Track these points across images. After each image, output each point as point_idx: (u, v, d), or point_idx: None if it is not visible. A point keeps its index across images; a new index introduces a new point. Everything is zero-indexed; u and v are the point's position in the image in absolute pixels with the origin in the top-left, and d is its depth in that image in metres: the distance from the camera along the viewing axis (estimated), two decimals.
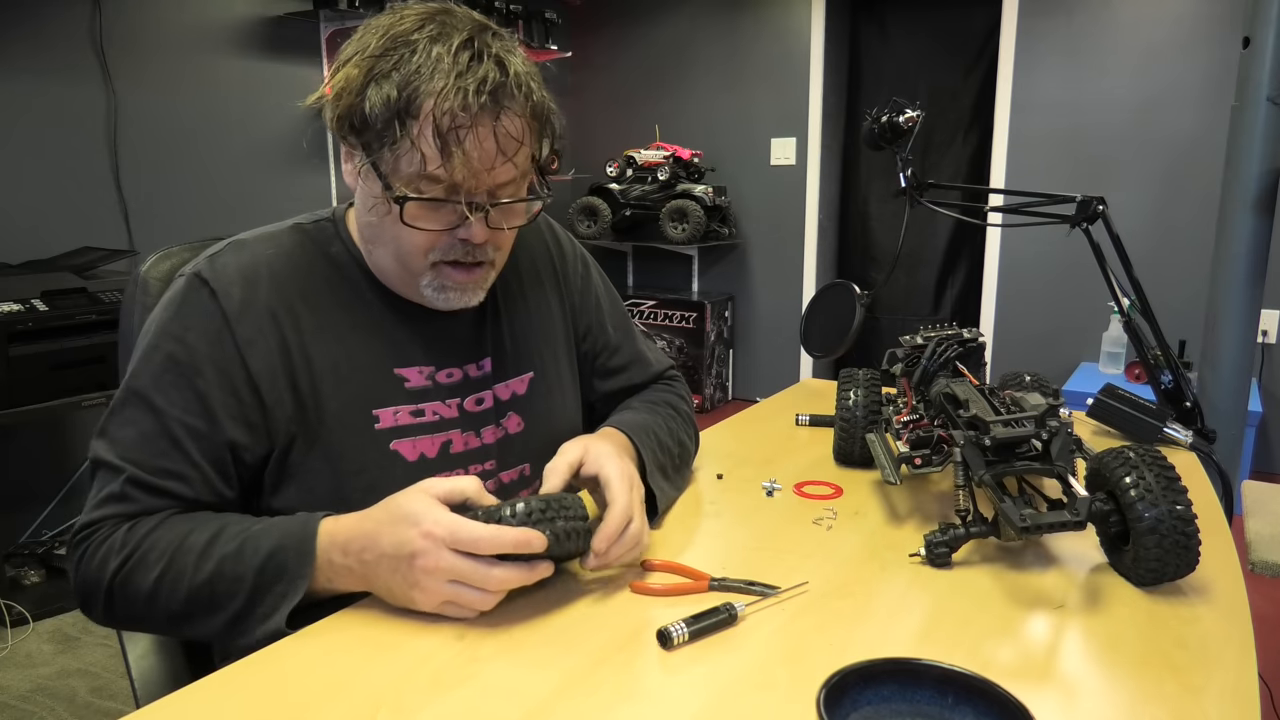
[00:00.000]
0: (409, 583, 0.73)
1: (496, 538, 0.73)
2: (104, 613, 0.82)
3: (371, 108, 0.79)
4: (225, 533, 0.80)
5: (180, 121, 3.08)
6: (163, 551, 0.79)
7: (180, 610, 0.78)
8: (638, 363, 1.15)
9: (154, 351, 0.85)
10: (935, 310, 4.38)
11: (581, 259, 1.13)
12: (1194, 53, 3.43)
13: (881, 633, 0.74)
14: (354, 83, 0.80)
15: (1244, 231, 1.72)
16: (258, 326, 0.86)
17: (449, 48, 0.79)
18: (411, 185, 0.82)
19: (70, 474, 2.84)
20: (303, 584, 0.76)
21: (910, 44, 4.24)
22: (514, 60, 0.82)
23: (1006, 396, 0.92)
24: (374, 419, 0.90)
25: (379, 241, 0.89)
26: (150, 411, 0.83)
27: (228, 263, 0.88)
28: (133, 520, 0.82)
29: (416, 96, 0.78)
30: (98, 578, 0.80)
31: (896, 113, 1.32)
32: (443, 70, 0.78)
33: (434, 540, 0.72)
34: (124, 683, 1.84)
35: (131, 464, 0.82)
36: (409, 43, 0.79)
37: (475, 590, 0.73)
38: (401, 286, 0.92)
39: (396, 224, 0.84)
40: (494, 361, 0.99)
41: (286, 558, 0.77)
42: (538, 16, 4.12)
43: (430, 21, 0.81)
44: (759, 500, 1.04)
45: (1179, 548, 0.77)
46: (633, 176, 4.29)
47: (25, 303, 2.25)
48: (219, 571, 0.77)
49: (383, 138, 0.80)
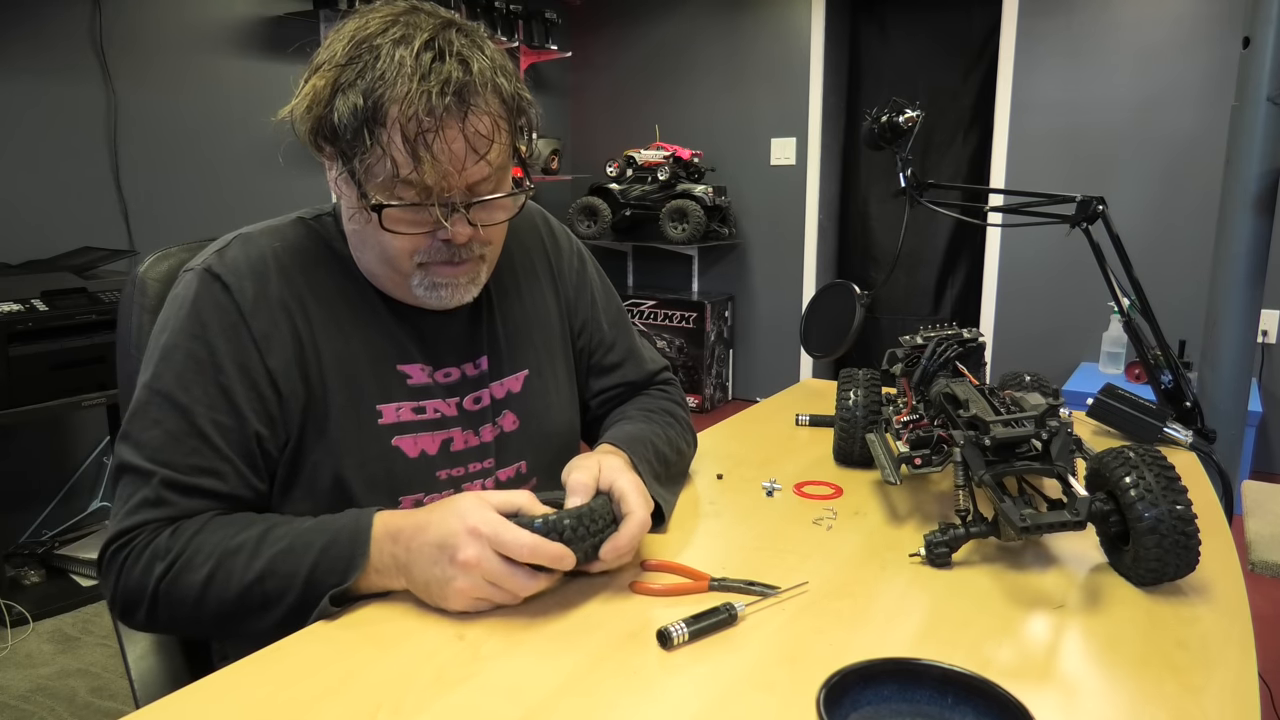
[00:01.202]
0: (447, 576, 0.74)
1: (537, 548, 0.74)
2: (147, 618, 0.81)
3: (340, 118, 0.79)
4: (274, 531, 0.79)
5: (180, 121, 3.08)
6: (209, 553, 0.78)
7: (231, 610, 0.78)
8: (633, 359, 1.14)
9: (173, 350, 0.84)
10: (935, 310, 4.38)
11: (577, 254, 1.13)
12: (1194, 53, 3.43)
13: (881, 633, 0.74)
14: (321, 94, 0.80)
15: (1244, 231, 1.72)
16: (271, 319, 0.87)
17: (411, 50, 0.78)
18: (386, 192, 0.82)
19: (70, 474, 2.84)
20: (357, 574, 0.76)
21: (910, 44, 4.24)
22: (477, 57, 0.81)
23: (1006, 396, 0.92)
24: (377, 414, 0.91)
25: (364, 247, 0.90)
26: (175, 410, 0.82)
27: (236, 256, 0.88)
28: (174, 524, 0.81)
29: (382, 103, 0.78)
30: (141, 583, 0.79)
31: (896, 113, 1.32)
32: (405, 74, 0.77)
33: (478, 538, 0.73)
34: (124, 683, 1.84)
35: (163, 465, 0.81)
36: (373, 48, 0.79)
37: (505, 593, 0.75)
38: (393, 289, 0.92)
39: (378, 230, 0.84)
40: (490, 359, 0.99)
41: (340, 551, 0.77)
42: (538, 16, 4.12)
43: (395, 24, 0.81)
44: (759, 500, 1.04)
45: (1179, 548, 0.77)
46: (633, 176, 4.29)
47: (25, 303, 2.25)
48: (271, 569, 0.77)
49: (354, 147, 0.80)
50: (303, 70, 0.84)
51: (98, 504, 2.92)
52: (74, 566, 2.58)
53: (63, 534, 2.77)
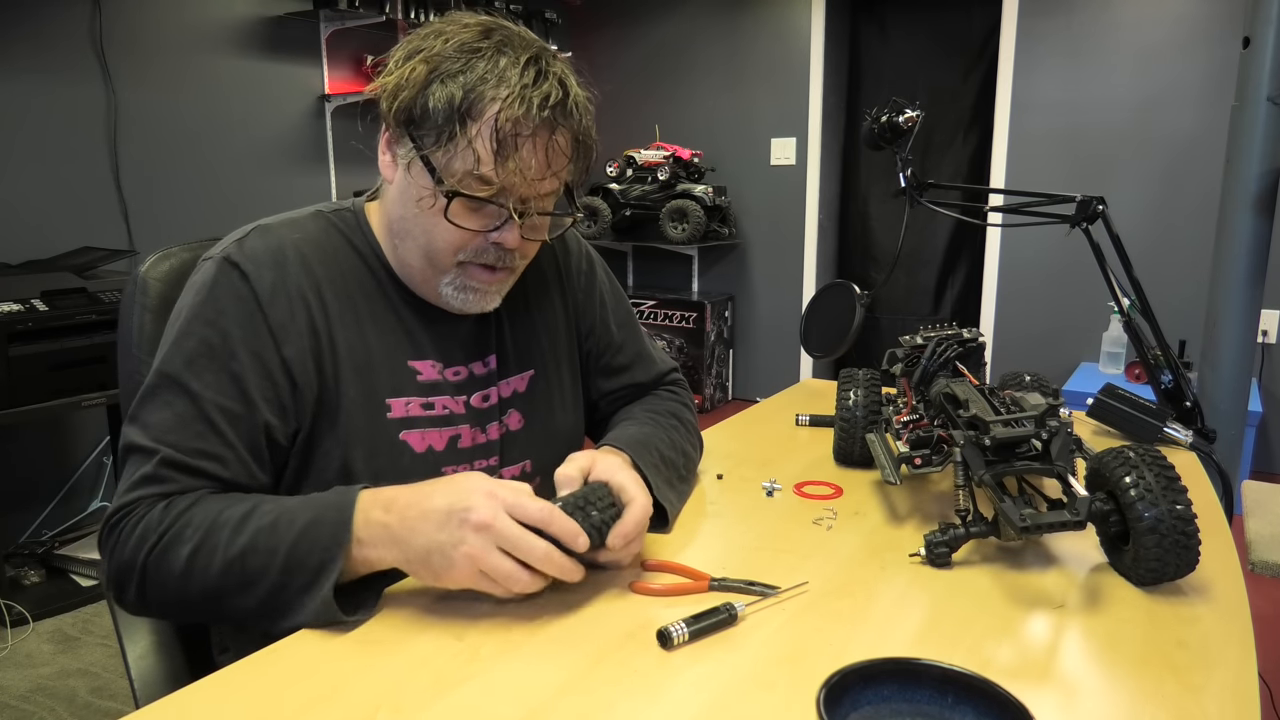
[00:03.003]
0: (454, 540, 0.72)
1: (553, 518, 0.74)
2: (137, 595, 0.79)
3: (435, 103, 0.83)
4: (261, 507, 0.78)
5: (180, 121, 3.08)
6: (197, 526, 0.77)
7: (214, 586, 0.76)
8: (641, 361, 1.15)
9: (186, 337, 0.85)
10: (935, 310, 4.38)
11: (586, 256, 1.13)
12: (1194, 53, 3.43)
13: (881, 633, 0.74)
14: (418, 77, 0.83)
15: (1244, 231, 1.72)
16: (289, 309, 0.87)
17: (515, 60, 0.84)
18: (460, 183, 0.85)
19: (71, 474, 2.84)
20: (341, 552, 0.74)
21: (910, 44, 4.24)
22: (573, 83, 0.87)
23: (1006, 396, 0.92)
24: (386, 408, 0.92)
25: (409, 235, 0.91)
26: (185, 395, 0.83)
27: (256, 246, 0.89)
28: (167, 499, 0.81)
29: (480, 100, 0.82)
30: (133, 557, 0.78)
31: (896, 113, 1.32)
32: (509, 80, 0.82)
33: (495, 500, 0.73)
34: (124, 683, 1.84)
35: (167, 445, 0.81)
36: (476, 50, 0.84)
37: (515, 565, 0.73)
38: (421, 284, 0.94)
39: (435, 217, 0.87)
40: (498, 359, 1.00)
41: (322, 529, 0.75)
42: (538, 16, 4.12)
43: (492, 34, 0.85)
44: (759, 500, 1.04)
45: (1179, 547, 0.77)
46: (633, 176, 4.29)
47: (25, 303, 2.25)
48: (252, 545, 0.75)
49: (440, 133, 0.84)
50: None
51: (98, 504, 2.92)
52: (74, 566, 2.58)
53: (63, 534, 2.77)
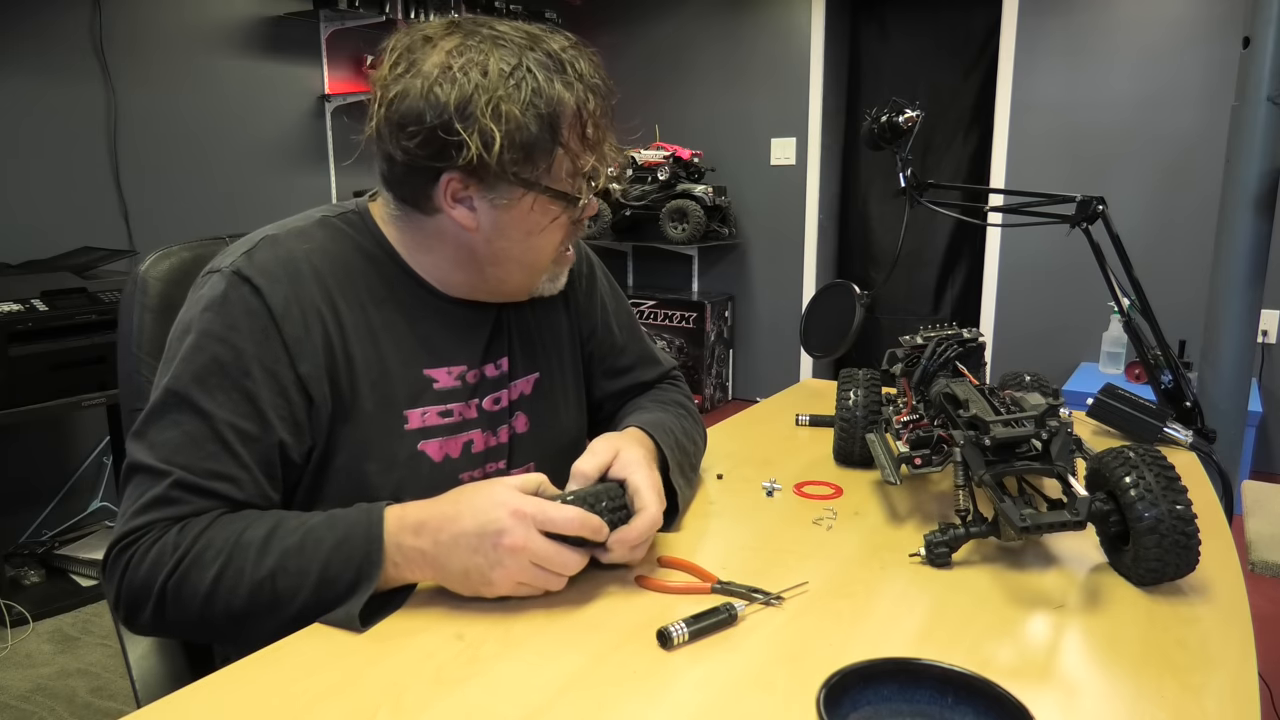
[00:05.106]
0: (490, 562, 0.73)
1: (584, 521, 0.76)
2: (153, 619, 0.78)
3: (528, 136, 0.82)
4: (283, 526, 0.77)
5: (180, 121, 3.08)
6: (219, 549, 0.76)
7: (241, 609, 0.75)
8: (644, 362, 1.15)
9: (197, 353, 0.81)
10: (935, 310, 4.38)
11: (586, 259, 1.13)
12: (1194, 53, 3.42)
13: (881, 633, 0.74)
14: (516, 120, 0.81)
15: (1244, 231, 1.72)
16: (303, 323, 0.84)
17: (523, 49, 0.83)
18: (575, 188, 0.88)
19: (71, 474, 2.84)
20: (376, 572, 0.74)
21: (910, 44, 4.24)
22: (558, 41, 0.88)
23: (1006, 396, 0.92)
24: (404, 419, 0.90)
25: (507, 261, 0.91)
26: (196, 414, 0.80)
27: (267, 259, 0.85)
28: (181, 522, 0.78)
29: (557, 103, 0.83)
30: (148, 582, 0.76)
31: (896, 113, 1.32)
32: (564, 78, 0.83)
33: (523, 519, 0.74)
34: (124, 683, 1.84)
35: (178, 467, 0.79)
36: (520, 65, 0.82)
37: (550, 575, 0.76)
38: (497, 287, 0.95)
39: (546, 232, 0.89)
40: (508, 360, 1.00)
41: (354, 549, 0.75)
42: (537, 16, 4.12)
43: (483, 34, 0.84)
44: (759, 500, 1.04)
45: (1179, 548, 0.77)
46: (633, 176, 4.29)
47: (25, 303, 2.25)
48: (281, 566, 0.75)
49: (548, 155, 0.84)
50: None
51: (98, 504, 2.92)
52: (74, 566, 2.58)
53: (63, 534, 2.77)
